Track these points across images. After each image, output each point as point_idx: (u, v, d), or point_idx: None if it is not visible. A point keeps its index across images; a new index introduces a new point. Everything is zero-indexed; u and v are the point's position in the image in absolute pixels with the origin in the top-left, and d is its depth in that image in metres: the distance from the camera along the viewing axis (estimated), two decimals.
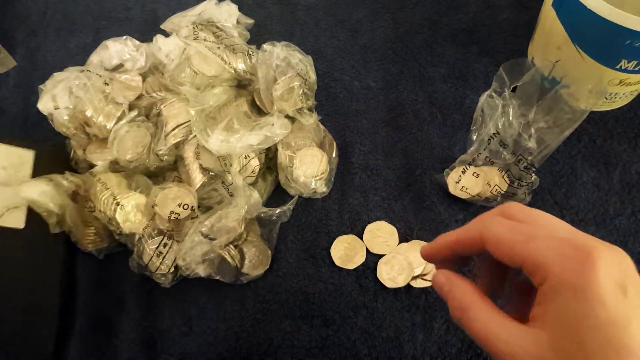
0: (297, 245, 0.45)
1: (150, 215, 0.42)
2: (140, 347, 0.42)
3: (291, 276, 0.44)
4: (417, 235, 0.45)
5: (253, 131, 0.42)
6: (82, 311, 0.44)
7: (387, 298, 0.42)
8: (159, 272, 0.42)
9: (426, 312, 0.42)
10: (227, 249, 0.42)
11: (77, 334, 0.43)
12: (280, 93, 0.45)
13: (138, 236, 0.42)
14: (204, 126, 0.42)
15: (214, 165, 0.43)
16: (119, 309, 0.44)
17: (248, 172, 0.44)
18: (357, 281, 0.43)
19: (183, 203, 0.41)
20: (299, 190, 0.46)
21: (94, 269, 0.45)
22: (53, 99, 0.43)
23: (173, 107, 0.44)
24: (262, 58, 0.45)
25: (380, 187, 0.47)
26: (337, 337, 0.41)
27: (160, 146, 0.43)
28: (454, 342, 0.40)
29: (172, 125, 0.43)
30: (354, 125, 0.51)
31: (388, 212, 0.46)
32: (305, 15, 0.60)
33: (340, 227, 0.46)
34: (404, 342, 0.41)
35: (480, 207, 0.45)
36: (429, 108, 0.51)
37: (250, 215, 0.43)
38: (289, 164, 0.46)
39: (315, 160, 0.46)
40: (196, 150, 0.43)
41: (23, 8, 0.64)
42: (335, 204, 0.47)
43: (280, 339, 0.41)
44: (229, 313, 0.43)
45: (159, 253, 0.42)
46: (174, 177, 0.44)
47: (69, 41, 0.61)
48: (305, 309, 0.43)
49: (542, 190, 0.46)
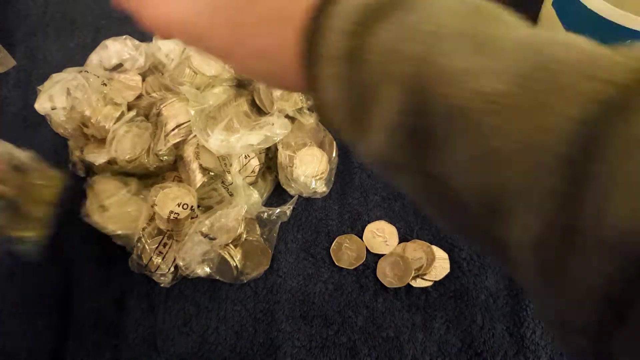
0: (297, 245, 0.45)
1: (149, 216, 0.42)
2: (140, 347, 0.42)
3: (291, 276, 0.44)
4: (417, 235, 0.45)
5: (253, 131, 0.42)
6: (82, 311, 0.44)
7: (387, 298, 0.42)
8: (159, 272, 0.42)
9: (426, 312, 0.42)
10: (227, 248, 0.42)
11: (77, 334, 0.43)
12: (280, 93, 0.45)
13: (138, 236, 0.42)
14: (204, 126, 0.42)
15: (213, 165, 0.43)
16: (119, 309, 0.44)
17: (248, 172, 0.44)
18: (357, 281, 0.43)
19: (183, 203, 0.41)
20: (299, 190, 0.46)
21: (94, 268, 0.45)
22: (50, 99, 0.43)
23: (173, 107, 0.44)
24: None
25: (380, 187, 0.47)
26: (337, 337, 0.41)
27: (160, 146, 0.43)
28: (454, 342, 0.40)
29: (172, 125, 0.43)
30: None
31: (388, 211, 0.46)
32: None
33: (340, 227, 0.46)
34: (404, 342, 0.41)
35: None
36: None
37: (250, 215, 0.43)
38: (289, 164, 0.46)
39: (315, 160, 0.46)
40: (196, 150, 0.43)
41: (23, 8, 0.64)
42: (335, 204, 0.47)
43: (281, 339, 0.41)
44: (229, 313, 0.43)
45: (159, 253, 0.42)
46: (174, 177, 0.44)
47: (69, 41, 0.61)
48: (305, 308, 0.43)
49: None
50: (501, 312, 0.41)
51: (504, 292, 0.42)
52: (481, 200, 0.16)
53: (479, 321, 0.41)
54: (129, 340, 0.42)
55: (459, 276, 0.43)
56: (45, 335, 0.44)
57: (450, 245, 0.44)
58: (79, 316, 0.44)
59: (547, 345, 0.40)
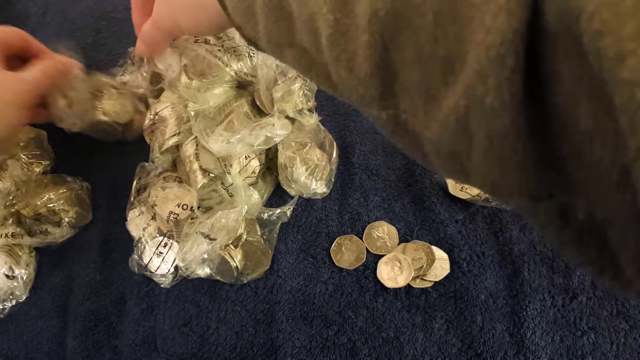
0: (297, 246, 0.45)
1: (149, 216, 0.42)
2: (140, 347, 0.42)
3: (291, 276, 0.44)
4: (417, 235, 0.45)
5: (253, 132, 0.42)
6: (82, 311, 0.44)
7: (387, 298, 0.42)
8: (159, 272, 0.42)
9: (426, 312, 0.42)
10: (228, 249, 0.42)
11: (77, 334, 0.43)
12: (281, 95, 0.45)
13: (138, 236, 0.42)
14: (204, 126, 0.42)
15: (213, 166, 0.43)
16: (119, 309, 0.44)
17: (248, 173, 0.44)
18: (357, 281, 0.43)
19: (182, 203, 0.41)
20: (299, 191, 0.46)
21: (94, 268, 0.45)
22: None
23: (169, 109, 0.44)
24: (262, 58, 0.45)
25: (380, 187, 0.47)
26: (338, 337, 0.41)
27: (155, 154, 0.43)
28: (454, 342, 0.41)
29: (171, 129, 0.43)
30: (354, 126, 0.51)
31: (388, 212, 0.46)
32: None
33: (340, 227, 0.46)
34: (404, 343, 0.41)
35: (480, 207, 0.45)
36: None
37: (251, 215, 0.43)
38: (289, 165, 0.46)
39: (315, 160, 0.46)
40: (196, 152, 0.43)
41: (23, 8, 0.64)
42: (336, 204, 0.47)
43: (281, 339, 0.41)
44: (229, 313, 0.43)
45: (159, 253, 0.42)
46: (175, 178, 0.44)
47: (69, 41, 0.61)
48: (306, 309, 0.43)
49: None
50: (501, 312, 0.41)
51: (504, 293, 0.42)
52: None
53: (479, 321, 0.41)
54: (129, 341, 0.43)
55: (459, 276, 0.43)
56: (44, 335, 0.44)
57: (450, 246, 0.44)
58: (79, 316, 0.44)
59: (547, 345, 0.40)
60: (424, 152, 0.20)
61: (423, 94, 0.18)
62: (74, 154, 0.51)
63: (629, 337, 0.39)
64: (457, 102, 0.17)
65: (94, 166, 0.50)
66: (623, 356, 0.39)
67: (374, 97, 0.20)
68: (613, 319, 0.40)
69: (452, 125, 0.17)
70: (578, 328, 0.40)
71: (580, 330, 0.40)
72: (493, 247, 0.44)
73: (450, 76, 0.17)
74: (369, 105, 0.21)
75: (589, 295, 0.41)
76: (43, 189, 0.44)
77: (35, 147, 0.48)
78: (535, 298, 0.41)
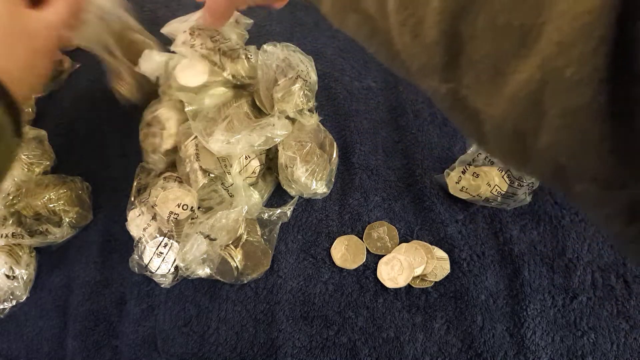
0: (298, 246, 0.45)
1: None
2: (141, 347, 0.42)
3: (291, 276, 0.44)
4: (417, 236, 0.45)
5: (254, 132, 0.42)
6: (82, 311, 0.44)
7: (387, 298, 0.42)
8: (159, 272, 0.42)
9: (426, 312, 0.42)
10: (228, 249, 0.42)
11: (77, 334, 0.43)
12: (281, 95, 0.45)
13: (138, 236, 0.42)
14: (204, 127, 0.42)
15: (213, 167, 0.43)
16: (119, 309, 0.44)
17: (249, 173, 0.44)
18: (358, 281, 0.43)
19: (183, 204, 0.41)
20: (299, 191, 0.46)
21: (94, 268, 0.45)
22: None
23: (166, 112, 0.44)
24: (262, 59, 0.45)
25: (380, 187, 0.47)
26: (338, 337, 0.41)
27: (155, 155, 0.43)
28: (454, 342, 0.41)
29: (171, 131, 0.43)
30: (354, 126, 0.51)
31: (388, 212, 0.46)
32: (305, 16, 0.60)
33: (340, 227, 0.46)
34: (404, 343, 0.41)
35: (481, 207, 0.45)
36: (429, 108, 0.52)
37: (251, 215, 0.43)
38: (289, 165, 0.46)
39: (315, 160, 0.46)
40: (196, 152, 0.43)
41: None
42: (336, 204, 0.47)
43: (281, 339, 0.41)
44: (229, 313, 0.43)
45: (159, 253, 0.42)
46: (175, 178, 0.44)
47: None
48: (306, 309, 0.43)
49: (542, 190, 0.46)
50: (501, 312, 0.41)
51: (504, 293, 0.42)
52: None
53: (479, 321, 0.41)
54: (129, 341, 0.43)
55: (459, 276, 0.43)
56: (45, 335, 0.44)
57: (450, 246, 0.44)
58: (79, 316, 0.44)
59: (547, 345, 0.40)
60: (482, 131, 0.19)
61: (490, 68, 0.17)
62: (74, 154, 0.51)
63: (629, 337, 0.39)
64: (531, 76, 0.16)
65: (94, 166, 0.50)
66: (623, 356, 0.39)
67: (436, 67, 0.19)
68: (613, 319, 0.40)
69: (521, 102, 0.16)
70: (578, 328, 0.40)
71: (580, 331, 0.40)
72: (493, 247, 0.44)
73: (523, 49, 0.16)
74: (429, 77, 0.20)
75: (589, 296, 0.41)
76: (43, 189, 0.44)
77: (36, 147, 0.48)
78: (535, 298, 0.41)
